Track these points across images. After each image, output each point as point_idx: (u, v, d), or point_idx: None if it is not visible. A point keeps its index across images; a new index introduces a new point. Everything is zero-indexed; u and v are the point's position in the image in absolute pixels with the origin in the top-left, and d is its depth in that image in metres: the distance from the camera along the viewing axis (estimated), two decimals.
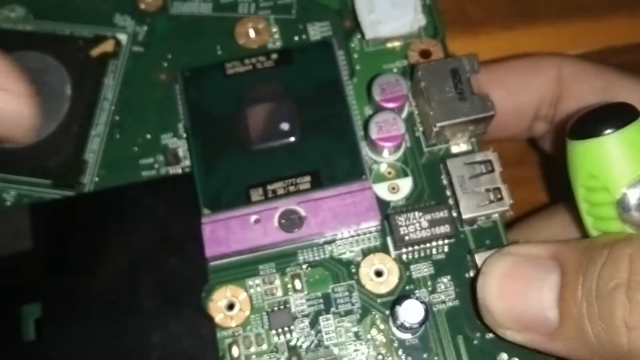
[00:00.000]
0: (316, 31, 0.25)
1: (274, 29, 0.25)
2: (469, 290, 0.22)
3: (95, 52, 0.25)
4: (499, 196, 0.22)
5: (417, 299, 0.21)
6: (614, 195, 0.19)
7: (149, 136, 0.24)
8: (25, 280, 0.22)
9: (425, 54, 0.25)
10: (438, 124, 0.22)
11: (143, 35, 0.25)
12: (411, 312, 0.20)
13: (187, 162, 0.23)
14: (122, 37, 0.25)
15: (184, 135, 0.24)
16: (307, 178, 0.22)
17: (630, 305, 0.17)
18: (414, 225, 0.22)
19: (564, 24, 0.33)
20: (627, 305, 0.17)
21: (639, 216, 0.19)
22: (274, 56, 0.24)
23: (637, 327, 0.17)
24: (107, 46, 0.25)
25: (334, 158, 0.22)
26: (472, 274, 0.22)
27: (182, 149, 0.23)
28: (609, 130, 0.19)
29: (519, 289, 0.19)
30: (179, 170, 0.23)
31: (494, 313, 0.20)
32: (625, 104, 0.19)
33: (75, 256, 0.22)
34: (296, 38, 0.25)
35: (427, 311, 0.20)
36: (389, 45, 0.25)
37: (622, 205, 0.19)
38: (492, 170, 0.22)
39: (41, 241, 0.22)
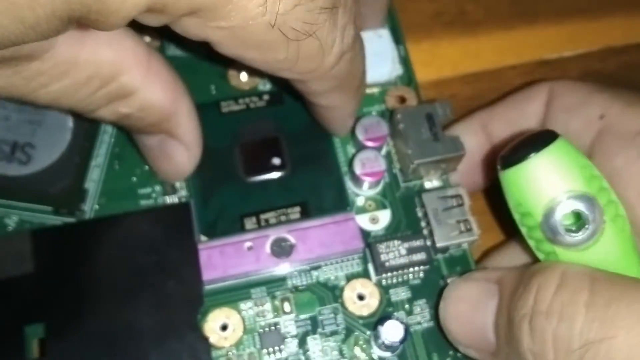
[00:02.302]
0: None
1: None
2: None
3: None
4: (468, 227, 0.24)
5: (397, 319, 0.23)
6: (537, 220, 0.20)
7: (147, 167, 0.25)
8: (28, 302, 0.23)
9: (401, 99, 0.27)
10: (415, 162, 0.24)
11: None
12: (392, 331, 0.22)
13: (184, 193, 0.25)
14: None
15: (179, 181, 0.25)
16: (297, 209, 0.24)
17: (532, 334, 0.18)
18: (394, 252, 0.24)
19: (564, 24, 0.34)
20: (529, 334, 0.18)
21: (562, 238, 0.20)
22: (266, 97, 0.26)
23: (540, 355, 0.18)
24: None
25: (321, 191, 0.25)
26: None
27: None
28: (527, 157, 0.20)
29: (469, 312, 0.22)
30: (176, 200, 0.25)
31: (451, 332, 0.22)
32: (545, 130, 0.21)
33: (76, 279, 0.23)
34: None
35: (406, 331, 0.22)
36: (368, 90, 0.27)
37: (543, 229, 0.20)
38: (462, 204, 0.25)
39: (43, 265, 0.23)
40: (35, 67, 0.17)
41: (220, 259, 0.23)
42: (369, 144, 0.25)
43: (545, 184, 0.20)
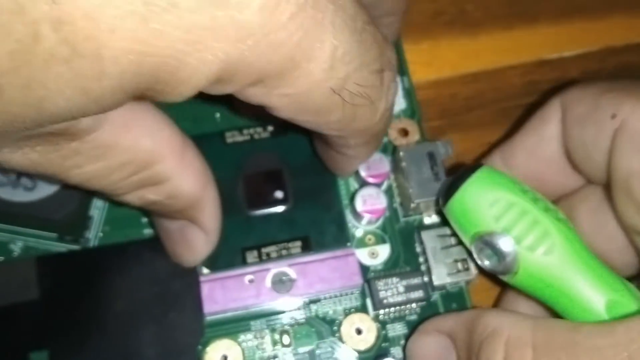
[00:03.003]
0: None
1: None
2: None
3: None
4: (465, 266, 0.25)
5: (393, 357, 0.23)
6: (470, 251, 0.22)
7: None
8: (32, 328, 0.23)
9: (403, 132, 0.28)
10: (416, 200, 0.25)
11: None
12: None
13: None
14: None
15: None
16: (298, 243, 0.25)
17: None
18: (392, 289, 0.24)
19: (564, 24, 0.34)
20: None
21: (492, 266, 0.21)
22: (270, 128, 0.27)
23: None
24: None
25: (322, 225, 0.25)
26: None
27: None
28: (444, 205, 0.22)
29: None
30: None
31: None
32: (468, 166, 0.22)
33: (80, 306, 0.24)
34: None
35: None
36: None
37: (475, 261, 0.22)
38: (461, 243, 0.25)
39: (48, 291, 0.24)
40: (75, 146, 0.17)
41: (221, 292, 0.24)
42: (371, 180, 0.26)
43: (459, 228, 0.22)
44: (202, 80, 0.14)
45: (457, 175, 0.22)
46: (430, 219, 0.27)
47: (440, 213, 0.26)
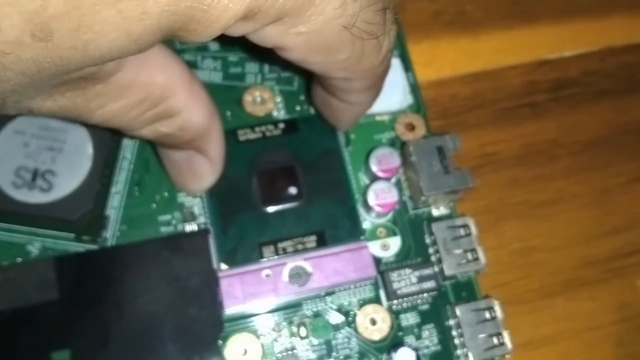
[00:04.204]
0: None
1: (278, 99, 0.28)
2: (448, 337, 0.25)
3: None
4: (475, 256, 0.26)
5: (408, 346, 0.24)
6: None
7: (166, 194, 0.26)
8: (53, 328, 0.23)
9: (410, 127, 0.28)
10: (427, 193, 0.25)
11: None
12: (405, 358, 0.24)
13: (203, 219, 0.26)
14: None
15: (199, 194, 0.26)
16: (313, 237, 0.25)
17: None
18: (405, 280, 0.25)
19: (564, 24, 0.34)
20: None
21: None
22: (281, 125, 0.27)
23: None
24: None
25: (336, 220, 0.26)
26: (451, 322, 0.25)
27: (197, 207, 0.26)
28: None
29: None
30: (195, 227, 0.26)
31: None
32: None
33: (100, 305, 0.24)
34: (298, 108, 0.28)
35: (418, 357, 0.24)
36: (378, 118, 0.28)
37: None
38: (470, 234, 0.26)
39: (67, 291, 0.24)
40: (99, 89, 0.18)
41: (240, 287, 0.24)
42: (382, 174, 0.26)
43: None
44: (231, 18, 0.15)
45: None
46: (439, 211, 0.27)
47: (447, 205, 0.27)
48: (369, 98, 0.23)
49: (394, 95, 0.28)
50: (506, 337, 0.25)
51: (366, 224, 0.27)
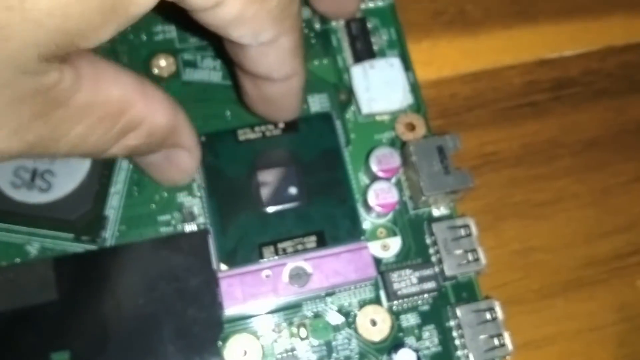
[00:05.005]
0: (315, 102, 0.28)
1: None
2: (449, 337, 0.25)
3: None
4: (476, 257, 0.25)
5: (409, 347, 0.24)
6: None
7: (165, 194, 0.26)
8: (53, 329, 0.23)
9: (410, 126, 0.28)
10: (427, 193, 0.25)
11: None
12: (405, 359, 0.24)
13: (202, 220, 0.26)
14: None
15: (198, 194, 0.26)
16: (313, 238, 0.25)
17: None
18: (405, 281, 0.25)
19: (564, 24, 0.34)
20: None
21: None
22: (281, 125, 0.27)
23: None
24: None
25: (336, 220, 0.26)
26: (452, 323, 0.25)
27: (197, 207, 0.26)
28: None
29: None
30: (195, 227, 0.25)
31: None
32: None
33: (99, 306, 0.24)
34: None
35: (419, 358, 0.24)
36: (378, 118, 0.28)
37: None
38: (470, 234, 0.26)
39: (67, 292, 0.24)
40: (61, 114, 0.18)
41: (239, 288, 0.24)
42: (382, 174, 0.26)
43: None
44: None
45: None
46: (439, 211, 0.27)
47: (447, 205, 0.27)
48: (299, 61, 0.23)
49: (394, 95, 0.28)
50: (507, 338, 0.24)
51: (366, 224, 0.26)
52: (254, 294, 0.24)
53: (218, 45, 0.28)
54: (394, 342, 0.25)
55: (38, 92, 0.16)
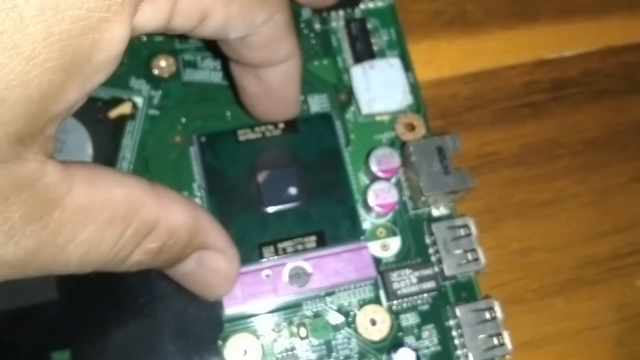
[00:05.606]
0: (315, 103, 0.28)
1: None
2: (449, 337, 0.25)
3: (114, 113, 0.27)
4: (475, 257, 0.26)
5: (409, 346, 0.24)
6: None
7: None
8: (53, 328, 0.23)
9: (410, 126, 0.28)
10: (427, 194, 0.25)
11: (158, 99, 0.27)
12: (404, 359, 0.24)
13: None
14: (138, 100, 0.27)
15: (199, 194, 0.26)
16: (313, 237, 0.25)
17: None
18: (405, 281, 0.25)
19: (564, 24, 0.34)
20: None
21: None
22: (281, 125, 0.27)
23: None
24: (125, 108, 0.27)
25: (336, 220, 0.26)
26: (451, 322, 0.25)
27: None
28: None
29: None
30: None
31: None
32: None
33: (100, 305, 0.24)
34: None
35: (418, 358, 0.24)
36: (378, 118, 0.28)
37: None
38: (470, 234, 0.26)
39: (67, 291, 0.24)
40: (58, 215, 0.16)
41: (239, 287, 0.24)
42: (382, 174, 0.26)
43: None
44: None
45: None
46: (439, 211, 0.27)
47: (447, 205, 0.27)
48: (294, 39, 0.23)
49: (393, 95, 0.28)
50: (506, 338, 0.25)
51: (366, 224, 0.27)
52: (254, 293, 0.24)
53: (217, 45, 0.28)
54: (394, 342, 0.25)
55: (20, 187, 0.15)
